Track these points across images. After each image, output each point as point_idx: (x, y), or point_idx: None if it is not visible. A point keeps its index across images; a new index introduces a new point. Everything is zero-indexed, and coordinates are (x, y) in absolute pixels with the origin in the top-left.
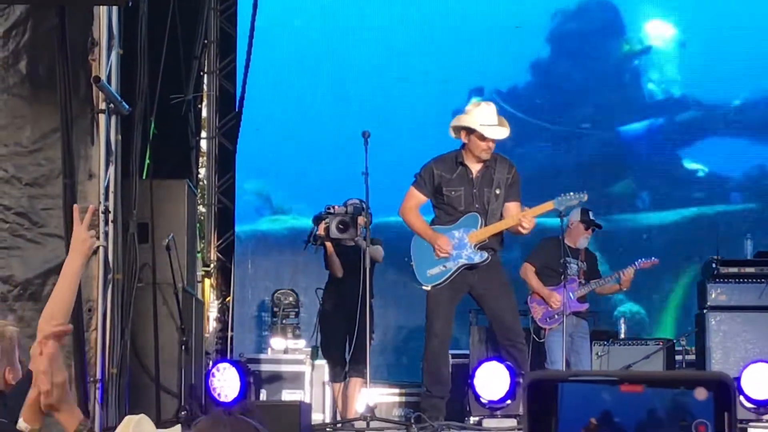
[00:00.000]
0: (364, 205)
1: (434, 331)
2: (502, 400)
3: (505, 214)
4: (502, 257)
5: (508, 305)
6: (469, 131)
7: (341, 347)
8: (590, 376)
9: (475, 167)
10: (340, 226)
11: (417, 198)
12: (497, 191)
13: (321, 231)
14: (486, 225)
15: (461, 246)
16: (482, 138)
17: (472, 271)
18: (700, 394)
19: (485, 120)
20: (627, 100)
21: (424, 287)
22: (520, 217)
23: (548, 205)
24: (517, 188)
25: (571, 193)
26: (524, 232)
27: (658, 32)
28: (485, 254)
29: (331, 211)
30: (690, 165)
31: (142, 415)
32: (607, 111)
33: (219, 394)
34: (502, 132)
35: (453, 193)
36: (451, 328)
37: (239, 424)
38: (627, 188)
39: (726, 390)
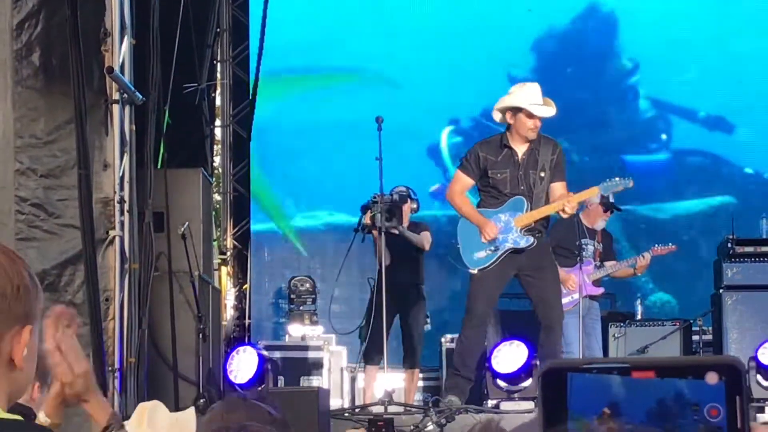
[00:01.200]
0: (411, 193)
1: (475, 313)
2: (517, 373)
3: (551, 194)
4: None
5: (554, 288)
6: (516, 111)
7: (382, 334)
8: (602, 364)
9: (520, 149)
10: (387, 215)
11: (463, 181)
12: (542, 173)
13: (367, 220)
14: (532, 207)
15: (507, 230)
16: (530, 116)
17: (519, 253)
18: (712, 378)
19: (532, 99)
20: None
21: (470, 270)
22: (564, 201)
23: (593, 190)
24: (561, 168)
25: (617, 179)
26: (566, 216)
27: None
28: (531, 238)
29: (377, 200)
30: None
31: (155, 401)
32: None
33: (235, 376)
34: (550, 110)
35: (499, 175)
36: (490, 313)
37: (254, 409)
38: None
39: (737, 374)
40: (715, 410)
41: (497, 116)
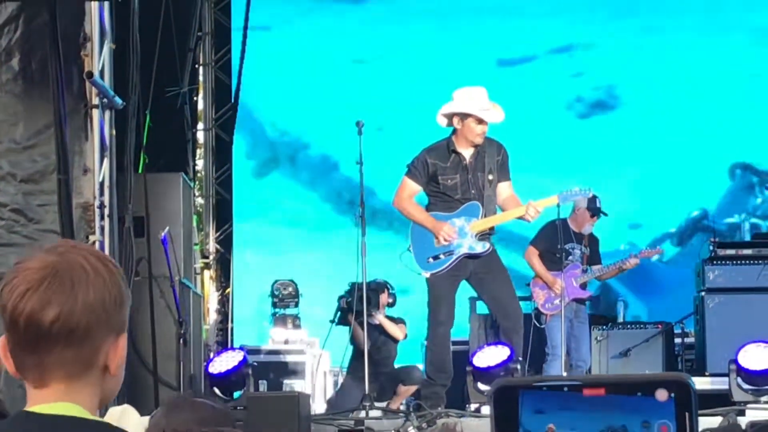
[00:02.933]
0: (388, 285)
1: (440, 318)
2: (499, 365)
3: (498, 195)
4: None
5: (508, 288)
6: (464, 117)
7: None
8: (553, 381)
9: (467, 153)
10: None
11: (411, 188)
12: (490, 177)
13: (344, 304)
14: (484, 211)
15: (462, 235)
16: (479, 122)
17: (471, 259)
18: (661, 395)
19: (480, 104)
20: None
21: (423, 274)
22: (527, 207)
23: (553, 200)
24: (507, 167)
25: (576, 188)
26: (530, 220)
27: None
28: (487, 244)
29: (354, 288)
30: None
31: (125, 405)
32: None
33: (214, 367)
34: (499, 115)
35: (449, 181)
36: (453, 315)
37: (197, 405)
38: None
39: (686, 390)
40: (665, 427)
41: (442, 121)
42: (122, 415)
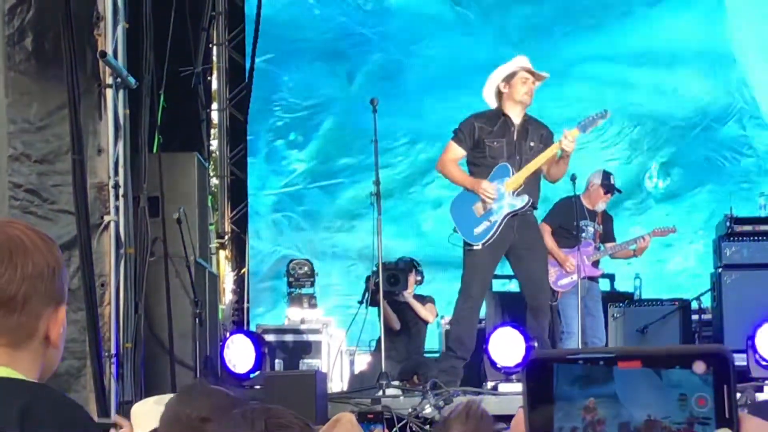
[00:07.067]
0: (416, 263)
1: (470, 293)
2: (517, 366)
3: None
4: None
5: (543, 268)
6: (509, 78)
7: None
8: (587, 354)
9: (516, 119)
10: (391, 279)
11: (455, 152)
12: (532, 143)
13: (372, 285)
14: (514, 170)
15: (500, 197)
16: (524, 82)
17: (514, 225)
18: (699, 367)
19: (524, 64)
20: None
21: (474, 247)
22: (561, 139)
23: (575, 132)
24: (549, 146)
25: (594, 115)
26: (568, 150)
27: None
28: (525, 197)
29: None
30: None
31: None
32: None
33: (234, 366)
34: (543, 73)
35: (495, 143)
36: (485, 293)
37: (213, 392)
38: None
39: (724, 363)
40: (703, 400)
41: (491, 97)
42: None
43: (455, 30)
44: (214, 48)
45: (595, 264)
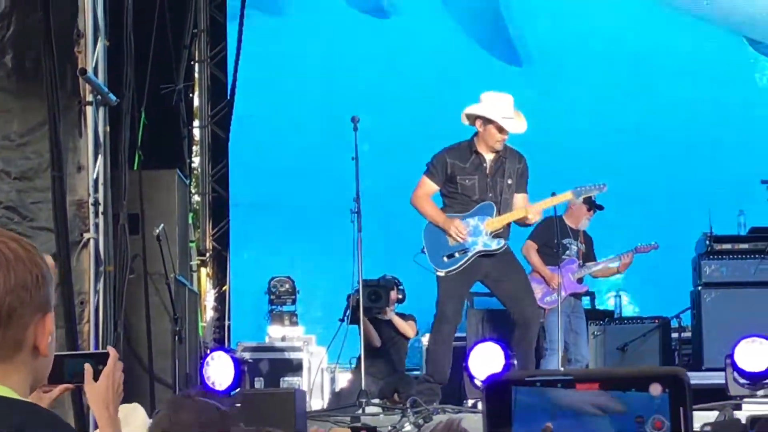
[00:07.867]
0: (397, 281)
1: (446, 316)
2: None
3: (513, 205)
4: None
5: (525, 286)
6: (486, 121)
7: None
8: (545, 376)
9: (488, 157)
10: (372, 296)
11: (428, 187)
12: (509, 181)
13: (353, 302)
14: (500, 213)
15: (477, 233)
16: (500, 130)
17: (486, 258)
18: (655, 390)
19: (504, 112)
20: None
21: (438, 273)
22: (529, 209)
23: (567, 195)
24: (525, 179)
25: (591, 185)
26: (530, 222)
27: None
28: (501, 241)
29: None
30: None
31: (135, 403)
32: None
33: (214, 383)
34: (521, 125)
35: (467, 181)
36: (461, 315)
37: (201, 405)
38: None
39: (680, 385)
40: (659, 422)
41: (466, 120)
42: (131, 412)
43: None
44: (196, 65)
45: (580, 281)
